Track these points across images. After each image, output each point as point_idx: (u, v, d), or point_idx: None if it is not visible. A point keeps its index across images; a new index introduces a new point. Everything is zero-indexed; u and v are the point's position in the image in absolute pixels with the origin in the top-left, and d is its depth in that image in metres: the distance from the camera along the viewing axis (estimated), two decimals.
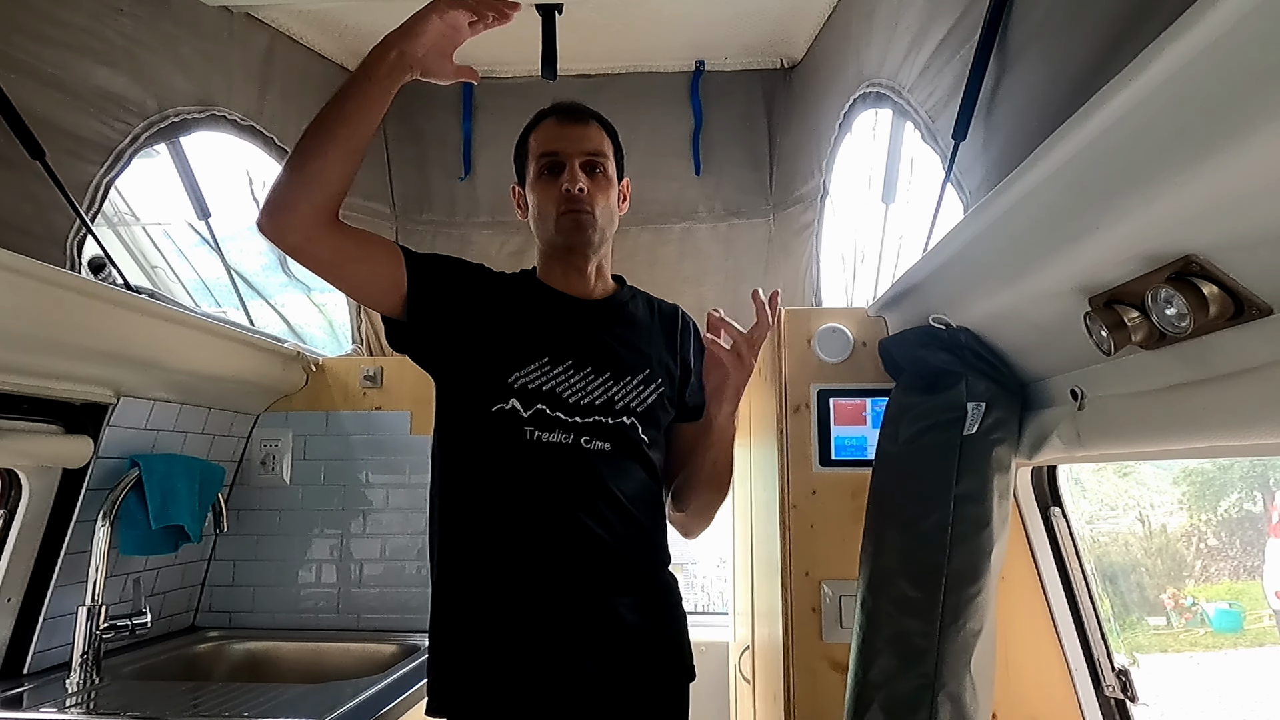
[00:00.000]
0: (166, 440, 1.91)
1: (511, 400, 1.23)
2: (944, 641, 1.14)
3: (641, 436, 1.30)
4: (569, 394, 1.26)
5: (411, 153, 2.67)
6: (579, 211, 1.29)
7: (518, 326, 1.29)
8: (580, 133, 1.32)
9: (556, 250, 1.35)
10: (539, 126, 1.36)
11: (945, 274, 1.18)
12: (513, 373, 1.24)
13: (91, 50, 1.66)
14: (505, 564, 1.22)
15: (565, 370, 1.27)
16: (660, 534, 1.36)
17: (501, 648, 1.20)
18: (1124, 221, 0.74)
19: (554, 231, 1.31)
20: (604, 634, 1.22)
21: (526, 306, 1.32)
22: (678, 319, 1.45)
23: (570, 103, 1.36)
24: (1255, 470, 2.78)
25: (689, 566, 6.55)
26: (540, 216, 1.32)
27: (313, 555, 2.26)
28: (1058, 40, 1.03)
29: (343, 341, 2.69)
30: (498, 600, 1.21)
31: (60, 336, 1.44)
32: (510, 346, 1.27)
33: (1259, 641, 2.75)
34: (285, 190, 1.11)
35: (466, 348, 1.27)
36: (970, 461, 1.17)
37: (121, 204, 2.32)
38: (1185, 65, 0.59)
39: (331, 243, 1.16)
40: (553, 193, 1.30)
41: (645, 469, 1.31)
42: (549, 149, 1.31)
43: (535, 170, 1.32)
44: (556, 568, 1.22)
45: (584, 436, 1.25)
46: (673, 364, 1.39)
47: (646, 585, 1.31)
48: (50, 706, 1.48)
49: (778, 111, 2.59)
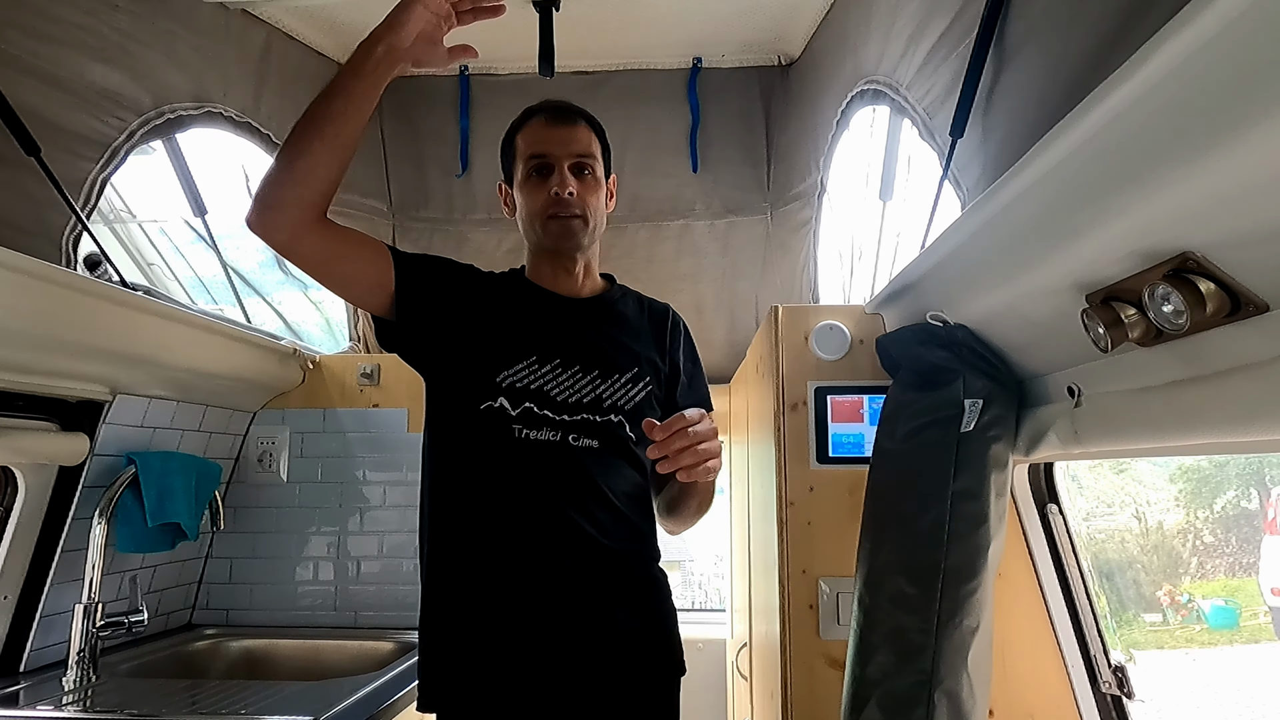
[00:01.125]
0: (163, 437, 1.91)
1: (500, 398, 1.24)
2: (941, 638, 1.14)
3: (629, 434, 1.30)
4: (556, 392, 1.26)
5: (408, 150, 2.66)
6: (568, 217, 1.29)
7: (506, 326, 1.30)
8: (569, 134, 1.32)
9: (545, 251, 1.36)
10: (527, 126, 1.35)
11: (942, 271, 1.18)
12: (501, 371, 1.25)
13: (87, 46, 1.65)
14: (495, 560, 1.23)
15: (553, 369, 1.27)
16: (650, 530, 1.37)
17: (491, 643, 1.20)
18: (1121, 218, 0.74)
19: (542, 234, 1.32)
20: (593, 630, 1.23)
21: (515, 306, 1.33)
22: (668, 318, 1.45)
23: (558, 102, 1.35)
24: (1251, 467, 2.78)
25: (686, 564, 6.56)
26: (528, 218, 1.32)
27: (310, 553, 2.25)
28: (1055, 37, 1.03)
29: (340, 339, 2.69)
30: (487, 596, 1.22)
31: (56, 334, 1.44)
32: (498, 346, 1.27)
33: (1255, 638, 2.75)
34: (273, 188, 1.11)
35: (455, 347, 1.28)
36: (967, 459, 1.17)
37: (118, 201, 2.32)
38: (1182, 62, 0.59)
39: (319, 241, 1.16)
40: (541, 195, 1.30)
41: (634, 466, 1.31)
42: (537, 151, 1.31)
43: (524, 172, 1.32)
44: (545, 564, 1.23)
45: (572, 434, 1.25)
46: (661, 363, 1.40)
47: (636, 581, 1.32)
48: (47, 704, 1.48)
49: (775, 108, 2.59)
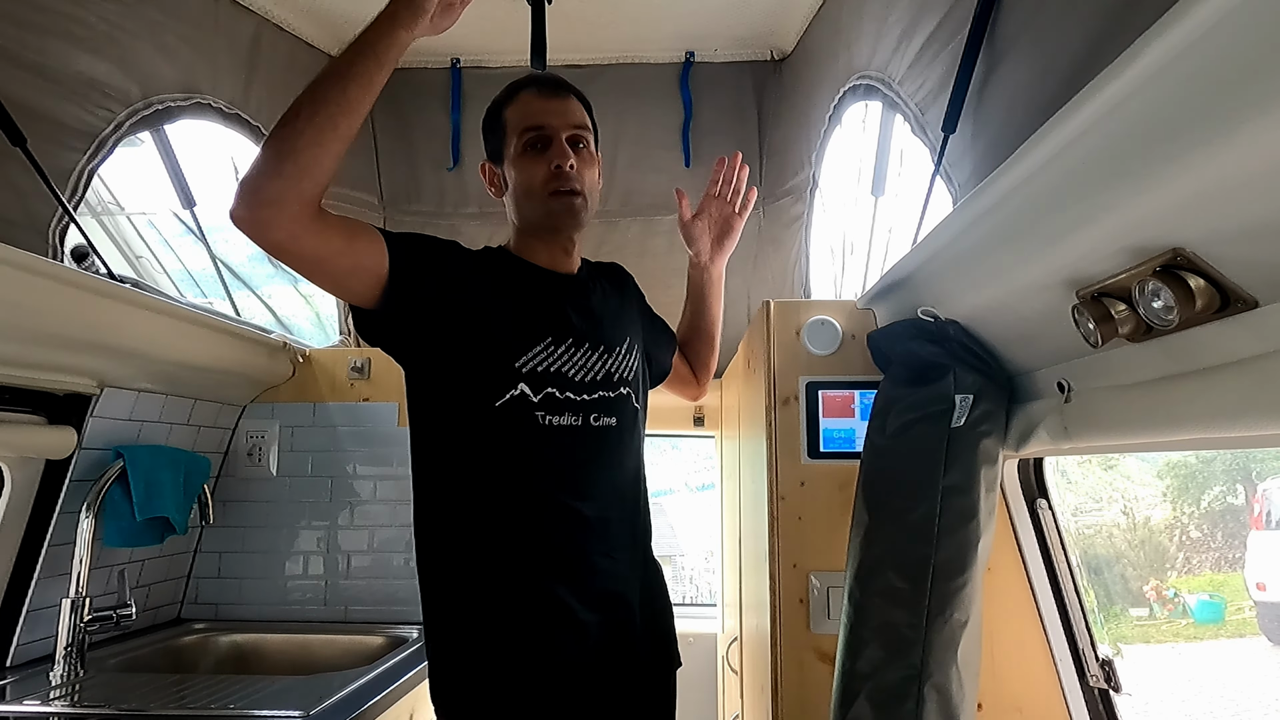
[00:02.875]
0: (151, 431, 1.89)
1: (520, 385, 1.19)
2: (931, 632, 1.14)
3: (636, 405, 1.32)
4: (574, 372, 1.23)
5: (400, 143, 2.65)
6: (571, 194, 1.25)
7: (515, 308, 1.23)
8: (564, 106, 1.28)
9: (540, 229, 1.30)
10: (517, 99, 1.30)
11: (934, 267, 1.19)
12: (520, 356, 1.20)
13: (73, 36, 1.63)
14: (527, 558, 1.19)
15: (568, 349, 1.24)
16: (650, 519, 1.38)
17: (525, 636, 1.17)
18: (1112, 214, 0.74)
19: (542, 212, 1.26)
20: (616, 620, 1.23)
21: (518, 286, 1.27)
22: (625, 276, 1.48)
23: (549, 74, 1.32)
24: (1238, 463, 2.81)
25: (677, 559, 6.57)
26: (525, 194, 1.26)
27: (300, 547, 2.24)
28: (1047, 33, 1.03)
29: (330, 333, 2.68)
30: (518, 589, 1.18)
31: (43, 326, 1.43)
32: (512, 330, 1.21)
33: (1240, 633, 2.78)
34: (269, 181, 0.97)
35: (461, 335, 1.19)
36: (958, 453, 1.18)
37: (105, 193, 2.30)
38: (1174, 58, 0.59)
39: (319, 238, 1.04)
40: (540, 169, 1.25)
41: (638, 441, 1.33)
42: (534, 123, 1.26)
43: (519, 145, 1.26)
44: (579, 557, 1.21)
45: (592, 414, 1.24)
46: (641, 323, 1.43)
47: (648, 567, 1.34)
48: (33, 699, 1.47)
49: (768, 103, 2.59)
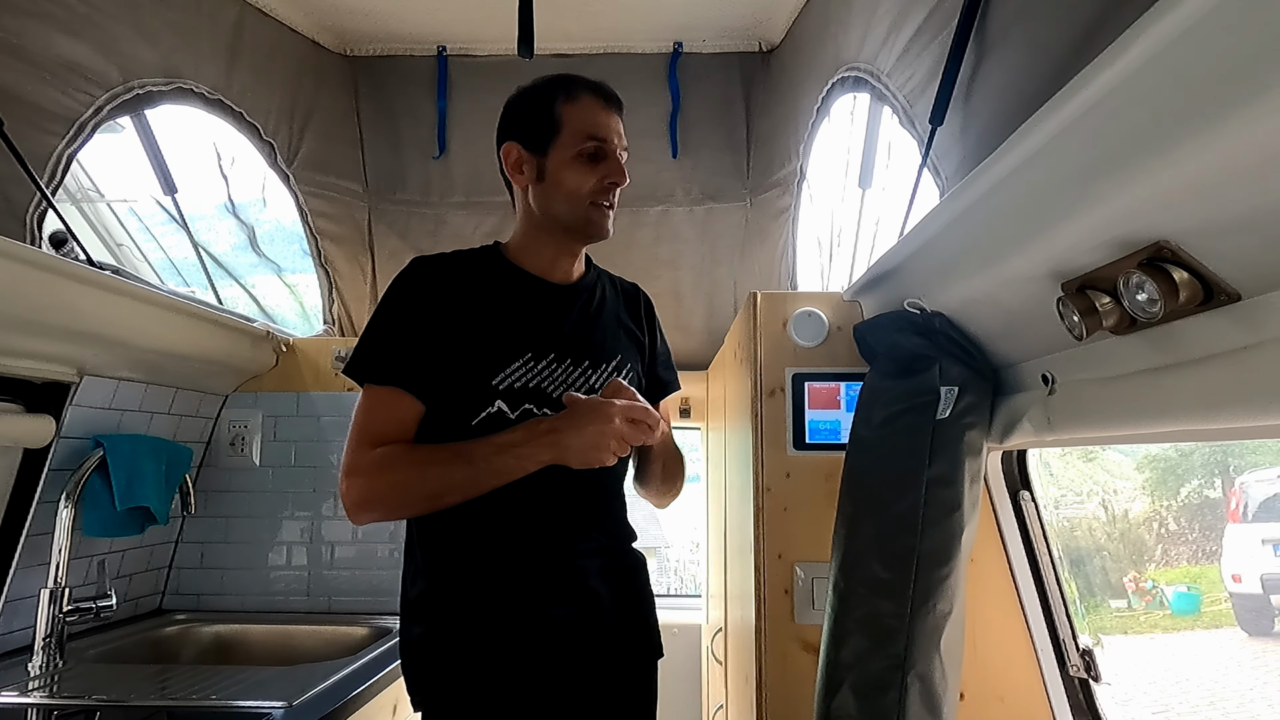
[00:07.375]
0: (132, 420, 1.87)
1: (497, 402, 1.19)
2: (914, 623, 1.15)
3: None
4: (552, 388, 1.23)
5: (385, 131, 2.62)
6: (609, 208, 1.28)
7: (495, 324, 1.23)
8: (618, 123, 1.29)
9: (565, 230, 1.29)
10: (579, 101, 1.28)
11: (920, 259, 1.19)
12: (497, 374, 1.20)
13: (52, 17, 1.60)
14: (503, 566, 1.20)
15: (548, 364, 1.24)
16: (626, 511, 1.38)
17: (497, 635, 1.18)
18: (1098, 207, 0.75)
19: (581, 218, 1.27)
20: (587, 615, 1.23)
21: (501, 298, 1.27)
22: (640, 299, 1.45)
23: (606, 85, 1.31)
24: (1216, 457, 2.85)
25: (662, 550, 6.58)
26: (568, 196, 1.26)
27: (283, 537, 2.23)
28: (1036, 26, 1.04)
29: (314, 322, 2.65)
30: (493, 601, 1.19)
31: (19, 313, 1.40)
32: (490, 348, 1.21)
33: (1216, 623, 2.82)
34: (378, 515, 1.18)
35: (442, 358, 1.20)
36: (942, 445, 1.18)
37: (85, 179, 2.26)
38: (1161, 52, 0.59)
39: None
40: (591, 179, 1.25)
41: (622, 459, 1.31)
42: (601, 134, 1.26)
43: (576, 150, 1.25)
44: (552, 571, 1.22)
45: None
46: (643, 345, 1.40)
47: (625, 564, 1.33)
48: (11, 689, 1.45)
49: (756, 95, 2.58)
